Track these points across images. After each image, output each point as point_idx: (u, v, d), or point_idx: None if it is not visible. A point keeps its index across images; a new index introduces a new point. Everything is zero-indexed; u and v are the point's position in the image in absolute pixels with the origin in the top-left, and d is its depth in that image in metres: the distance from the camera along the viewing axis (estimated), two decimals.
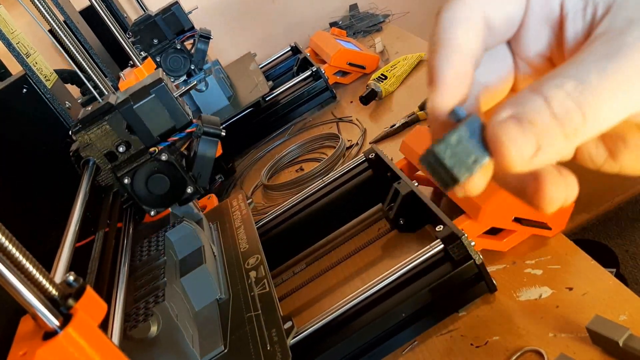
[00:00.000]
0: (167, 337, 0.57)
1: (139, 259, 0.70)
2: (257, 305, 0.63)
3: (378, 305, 0.61)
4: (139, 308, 0.59)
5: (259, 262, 0.71)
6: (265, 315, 0.61)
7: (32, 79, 0.94)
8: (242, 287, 0.68)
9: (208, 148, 0.78)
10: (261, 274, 0.68)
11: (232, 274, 0.71)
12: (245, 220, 0.83)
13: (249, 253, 0.74)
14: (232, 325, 0.62)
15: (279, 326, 0.59)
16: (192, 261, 0.68)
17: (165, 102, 0.75)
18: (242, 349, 0.59)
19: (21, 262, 0.35)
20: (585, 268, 0.60)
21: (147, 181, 0.75)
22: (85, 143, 0.76)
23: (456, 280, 0.61)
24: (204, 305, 0.67)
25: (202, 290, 0.66)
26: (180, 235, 0.72)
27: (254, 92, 1.37)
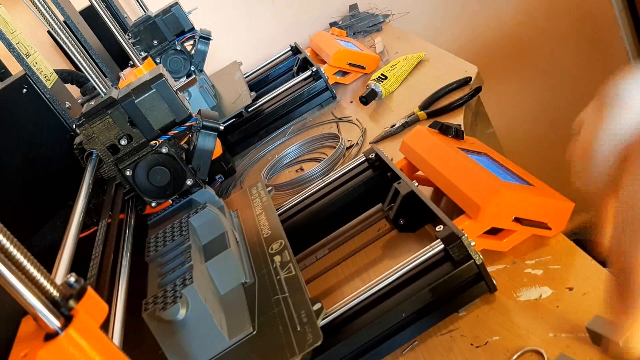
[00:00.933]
0: (195, 319, 0.58)
1: (163, 244, 0.71)
2: (284, 288, 0.64)
3: (378, 305, 0.62)
4: (167, 290, 0.59)
5: (283, 247, 0.71)
6: (293, 298, 0.62)
7: (32, 79, 0.94)
8: (267, 271, 0.68)
9: (207, 141, 0.80)
10: (286, 258, 0.69)
11: (256, 259, 0.72)
12: (266, 207, 0.84)
13: (272, 239, 0.75)
14: (259, 308, 0.63)
15: (307, 308, 0.59)
16: (217, 246, 0.69)
17: (166, 97, 0.77)
18: (271, 331, 0.59)
19: (22, 263, 0.35)
20: (585, 268, 0.60)
21: (148, 173, 0.78)
22: (89, 136, 0.78)
23: (456, 280, 0.61)
24: (229, 289, 0.67)
25: (227, 274, 0.67)
26: (204, 220, 0.73)
27: (237, 102, 1.37)
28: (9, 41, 0.94)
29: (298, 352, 0.55)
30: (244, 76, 1.55)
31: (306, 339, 0.56)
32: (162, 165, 0.77)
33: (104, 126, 0.78)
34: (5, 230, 0.35)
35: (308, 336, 0.56)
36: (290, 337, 0.57)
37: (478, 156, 0.76)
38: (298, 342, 0.56)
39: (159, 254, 0.69)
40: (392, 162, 0.81)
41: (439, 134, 0.82)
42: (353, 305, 0.62)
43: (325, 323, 0.61)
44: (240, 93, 1.41)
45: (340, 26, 1.74)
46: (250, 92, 1.40)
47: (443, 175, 0.72)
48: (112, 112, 0.77)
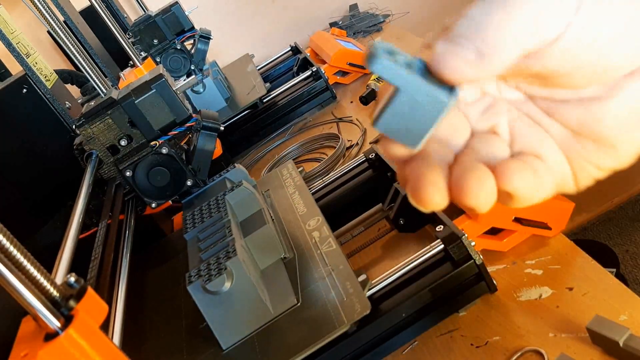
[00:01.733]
0: (240, 291, 0.58)
1: (200, 220, 0.71)
2: (326, 261, 0.65)
3: (378, 305, 0.61)
4: (211, 263, 0.60)
5: (320, 223, 0.72)
6: (335, 270, 0.62)
7: (32, 79, 0.94)
8: (307, 246, 0.69)
9: (207, 142, 0.80)
10: (325, 234, 0.70)
11: (293, 235, 0.73)
12: (299, 186, 0.84)
13: (308, 216, 0.75)
14: (301, 282, 0.64)
15: (353, 279, 0.60)
16: (255, 222, 0.70)
17: (166, 97, 0.77)
18: (317, 302, 0.60)
19: (22, 264, 0.35)
20: (585, 268, 0.60)
21: (148, 174, 0.77)
22: (89, 137, 0.78)
23: (456, 280, 0.61)
24: (268, 264, 0.68)
25: (266, 249, 0.68)
26: (240, 198, 0.73)
27: (252, 93, 1.37)
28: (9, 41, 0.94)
29: (347, 321, 0.56)
30: (256, 68, 1.55)
31: (354, 308, 0.56)
32: (162, 166, 0.77)
33: (104, 127, 0.78)
34: (5, 230, 0.35)
35: (356, 306, 0.57)
36: (337, 307, 0.58)
37: None
38: (346, 312, 0.57)
39: (198, 230, 0.69)
40: (392, 162, 0.81)
41: None
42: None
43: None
44: (255, 84, 1.41)
45: (340, 26, 1.74)
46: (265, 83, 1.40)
47: None
48: (112, 113, 0.77)
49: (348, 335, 0.60)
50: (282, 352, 0.57)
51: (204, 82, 1.37)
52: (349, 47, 1.43)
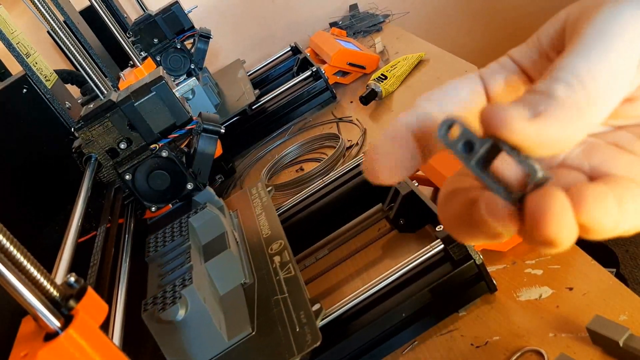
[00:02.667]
0: (195, 320, 0.58)
1: (163, 244, 0.70)
2: (284, 288, 0.64)
3: (378, 305, 0.62)
4: (167, 291, 0.59)
5: (282, 247, 0.71)
6: (292, 298, 0.62)
7: (32, 79, 0.94)
8: (267, 271, 0.68)
9: (208, 145, 0.79)
10: (286, 259, 0.69)
11: (255, 259, 0.72)
12: (266, 207, 0.83)
13: (271, 239, 0.74)
14: (258, 309, 0.63)
15: (307, 308, 0.59)
16: (216, 246, 0.69)
17: (166, 100, 0.76)
18: (270, 331, 0.59)
19: (22, 264, 0.35)
20: (585, 268, 0.60)
21: (148, 177, 0.77)
22: (88, 140, 0.78)
23: (456, 280, 0.61)
24: (228, 289, 0.67)
25: (227, 274, 0.67)
26: (204, 220, 0.73)
27: (241, 100, 1.37)
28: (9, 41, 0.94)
29: (297, 352, 0.55)
30: (247, 74, 1.55)
31: (305, 339, 0.56)
32: (162, 169, 0.77)
33: (103, 130, 0.77)
34: (5, 230, 0.35)
35: (307, 337, 0.56)
36: (290, 337, 0.57)
37: None
38: (297, 342, 0.56)
39: (159, 254, 0.69)
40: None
41: None
42: (353, 305, 0.62)
43: (325, 323, 0.61)
44: (244, 91, 1.41)
45: (340, 26, 1.74)
46: (254, 90, 1.40)
47: (443, 175, 0.72)
48: (111, 116, 0.76)
49: (348, 335, 0.60)
50: None
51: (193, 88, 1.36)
52: (349, 47, 1.43)
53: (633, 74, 0.21)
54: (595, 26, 0.22)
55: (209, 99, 1.37)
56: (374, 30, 1.69)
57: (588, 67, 0.21)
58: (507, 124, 0.20)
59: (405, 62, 1.28)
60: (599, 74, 0.21)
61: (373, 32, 1.69)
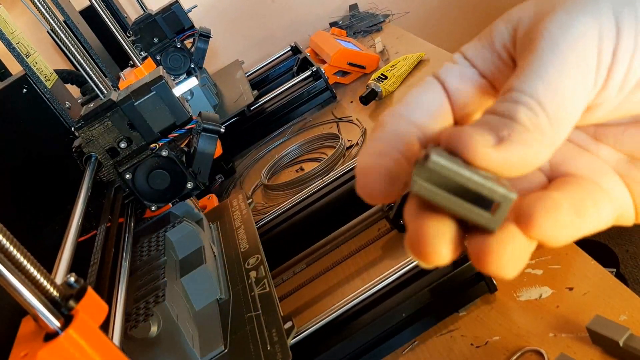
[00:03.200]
0: (167, 337, 0.57)
1: (139, 258, 0.70)
2: (258, 305, 0.63)
3: (378, 305, 0.62)
4: (140, 308, 0.59)
5: (259, 262, 0.71)
6: (265, 315, 0.61)
7: (32, 79, 0.93)
8: (243, 287, 0.68)
9: (208, 144, 0.79)
10: (261, 274, 0.68)
11: (232, 274, 0.71)
12: (246, 220, 0.83)
13: (249, 253, 0.74)
14: (232, 325, 0.63)
15: (279, 326, 0.59)
16: (193, 261, 0.69)
17: (166, 99, 0.76)
18: (242, 349, 0.59)
19: (22, 264, 0.35)
20: (585, 268, 0.60)
21: (148, 177, 0.77)
22: (88, 139, 0.78)
23: (456, 280, 0.61)
24: (204, 305, 0.67)
25: (202, 290, 0.67)
26: (181, 235, 0.72)
27: (239, 101, 1.37)
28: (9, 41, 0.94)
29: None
30: (245, 75, 1.55)
31: (275, 358, 0.55)
32: (162, 169, 0.77)
33: (103, 129, 0.77)
34: (5, 230, 0.35)
35: (277, 355, 0.55)
36: (261, 356, 0.56)
37: None
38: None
39: (135, 268, 0.69)
40: None
41: None
42: (353, 305, 0.62)
43: (325, 323, 0.61)
44: (242, 92, 1.41)
45: (340, 26, 1.73)
46: (253, 90, 1.40)
47: None
48: (111, 115, 0.77)
49: (348, 335, 0.60)
50: None
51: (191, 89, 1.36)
52: (349, 47, 1.43)
53: (591, 85, 0.21)
54: (548, 39, 0.21)
55: (208, 100, 1.37)
56: (374, 30, 1.69)
57: (545, 87, 0.21)
58: (472, 150, 0.20)
59: (405, 62, 1.28)
60: (558, 94, 0.21)
61: (373, 32, 1.68)
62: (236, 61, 1.69)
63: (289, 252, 0.84)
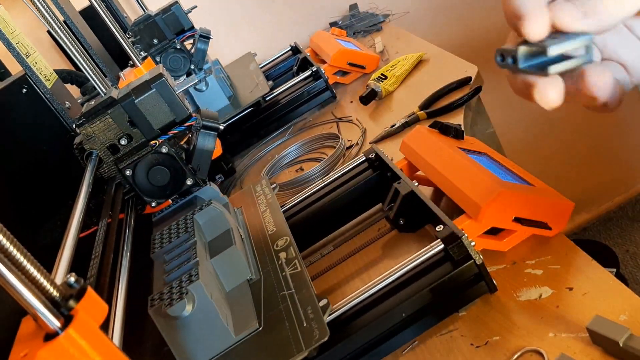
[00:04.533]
0: (201, 316, 0.58)
1: (168, 240, 0.71)
2: (290, 284, 0.64)
3: (378, 305, 0.61)
4: (173, 287, 0.59)
5: (288, 244, 0.72)
6: (299, 294, 0.62)
7: (32, 79, 0.94)
8: (273, 267, 0.69)
9: (207, 141, 0.80)
10: (291, 255, 0.69)
11: (261, 256, 0.72)
12: (271, 204, 0.84)
13: (277, 235, 0.75)
14: (265, 305, 0.63)
15: (314, 304, 0.59)
16: (222, 243, 0.69)
17: (166, 97, 0.77)
18: (277, 327, 0.59)
19: (22, 264, 0.35)
20: (585, 268, 0.60)
21: (148, 173, 0.77)
22: (89, 136, 0.79)
23: (456, 280, 0.61)
24: (234, 286, 0.67)
25: (232, 271, 0.67)
26: (209, 217, 0.73)
27: (254, 91, 1.37)
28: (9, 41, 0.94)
29: (305, 347, 0.55)
30: (259, 66, 1.55)
31: (313, 334, 0.56)
32: (162, 165, 0.77)
33: (103, 126, 0.78)
34: (5, 230, 0.35)
35: (314, 332, 0.56)
36: (297, 333, 0.57)
37: (478, 156, 0.76)
38: (305, 338, 0.56)
39: (164, 250, 0.69)
40: (392, 162, 0.81)
41: (439, 133, 0.82)
42: (353, 305, 0.62)
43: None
44: (257, 82, 1.41)
45: (340, 26, 1.74)
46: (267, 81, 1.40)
47: (443, 175, 0.72)
48: (112, 112, 0.77)
49: (348, 335, 0.60)
50: None
51: (206, 80, 1.37)
52: (349, 47, 1.43)
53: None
54: None
55: (223, 91, 1.38)
56: (374, 30, 1.69)
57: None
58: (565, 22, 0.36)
59: (405, 62, 1.28)
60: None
61: (373, 32, 1.69)
62: (249, 53, 1.68)
63: None
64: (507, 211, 0.64)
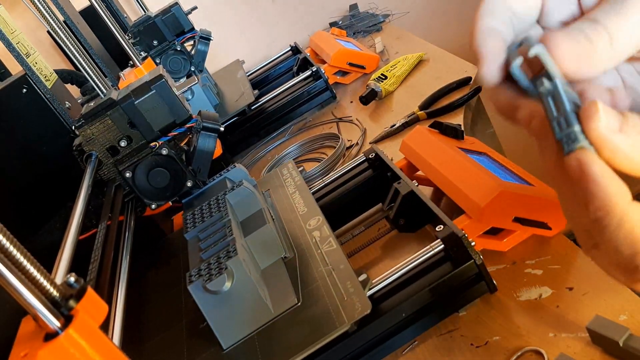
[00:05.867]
0: (240, 291, 0.58)
1: (201, 220, 0.71)
2: (326, 260, 0.65)
3: (378, 305, 0.61)
4: (211, 263, 0.60)
5: (320, 223, 0.72)
6: (336, 270, 0.62)
7: (32, 79, 0.94)
8: (307, 246, 0.69)
9: (207, 142, 0.80)
10: (325, 234, 0.69)
11: (294, 235, 0.73)
12: (299, 186, 0.84)
13: (308, 216, 0.75)
14: (302, 281, 0.64)
15: (354, 278, 0.60)
16: (255, 222, 0.69)
17: (166, 98, 0.77)
18: (317, 302, 0.60)
19: (22, 264, 0.35)
20: (585, 268, 0.60)
21: (148, 175, 0.77)
22: (88, 137, 0.78)
23: (456, 280, 0.61)
24: (269, 264, 0.68)
25: (267, 249, 0.68)
26: (240, 197, 0.73)
27: (240, 100, 1.37)
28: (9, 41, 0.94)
29: (347, 320, 0.56)
30: (246, 75, 1.55)
31: (355, 307, 0.56)
32: (162, 167, 0.77)
33: (103, 128, 0.78)
34: (5, 230, 0.35)
35: (356, 305, 0.57)
36: (338, 306, 0.58)
37: (478, 156, 0.76)
38: (346, 311, 0.57)
39: (198, 229, 0.69)
40: (392, 162, 0.81)
41: (439, 133, 0.82)
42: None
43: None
44: (243, 91, 1.41)
45: (340, 26, 1.74)
46: (253, 90, 1.40)
47: (443, 175, 0.72)
48: (111, 114, 0.77)
49: (348, 335, 0.60)
50: (282, 352, 0.57)
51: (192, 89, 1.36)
52: (349, 47, 1.43)
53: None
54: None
55: (208, 100, 1.37)
56: (374, 30, 1.69)
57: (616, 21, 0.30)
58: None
59: (405, 62, 1.28)
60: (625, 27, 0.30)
61: (373, 32, 1.69)
62: (237, 61, 1.69)
63: None
64: (507, 211, 0.64)
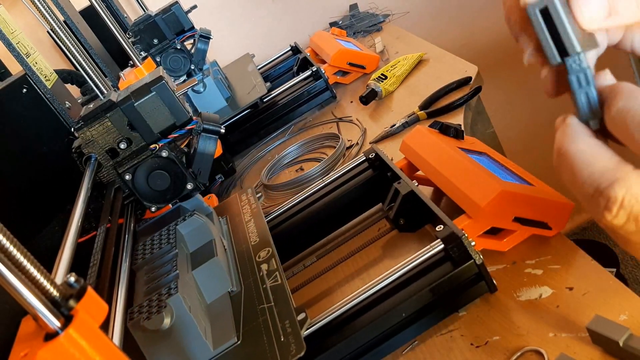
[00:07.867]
0: (180, 329, 0.58)
1: (150, 251, 0.70)
2: (270, 297, 0.64)
3: (378, 305, 0.62)
4: (152, 300, 0.59)
5: (270, 255, 0.71)
6: (278, 307, 0.61)
7: (32, 79, 0.93)
8: (254, 279, 0.68)
9: (208, 145, 0.79)
10: (273, 267, 0.68)
11: (243, 267, 0.72)
12: (255, 214, 0.83)
13: (259, 246, 0.74)
14: (244, 318, 0.63)
15: (292, 317, 0.59)
16: (204, 254, 0.69)
17: (166, 100, 0.76)
18: (255, 341, 0.59)
19: (22, 263, 0.35)
20: (585, 268, 0.60)
21: (148, 177, 0.77)
22: (87, 140, 0.78)
23: (456, 280, 0.61)
24: (215, 297, 0.67)
25: (213, 282, 0.67)
26: (192, 228, 0.72)
27: (252, 93, 1.37)
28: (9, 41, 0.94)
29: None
30: (257, 68, 1.55)
31: (289, 349, 0.55)
32: (162, 169, 0.76)
33: (103, 130, 0.77)
34: (6, 230, 0.35)
35: (291, 347, 0.55)
36: (274, 347, 0.56)
37: (478, 156, 0.76)
38: (281, 352, 0.55)
39: (146, 261, 0.69)
40: (392, 162, 0.81)
41: (439, 133, 0.82)
42: (353, 305, 0.62)
43: (325, 323, 0.61)
44: (255, 84, 1.41)
45: (340, 26, 1.74)
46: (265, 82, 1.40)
47: (443, 175, 0.72)
48: (111, 116, 0.76)
49: (348, 335, 0.60)
50: None
51: (204, 81, 1.37)
52: (349, 47, 1.43)
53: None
54: None
55: (221, 92, 1.37)
56: (374, 30, 1.69)
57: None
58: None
59: (405, 62, 1.28)
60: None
61: (373, 32, 1.69)
62: (247, 54, 1.68)
63: (288, 252, 0.84)
64: (507, 211, 0.64)
